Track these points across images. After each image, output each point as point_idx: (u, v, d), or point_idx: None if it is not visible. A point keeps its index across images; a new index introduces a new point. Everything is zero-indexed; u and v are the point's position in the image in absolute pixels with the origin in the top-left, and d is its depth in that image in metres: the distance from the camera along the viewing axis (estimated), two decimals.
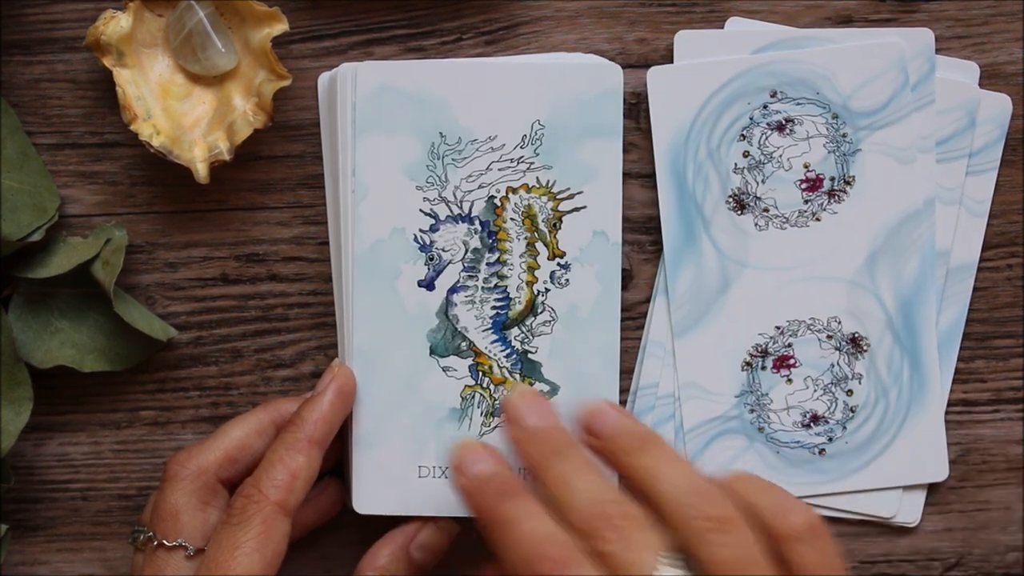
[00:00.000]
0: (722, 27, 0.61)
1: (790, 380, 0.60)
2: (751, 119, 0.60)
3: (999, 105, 0.61)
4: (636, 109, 0.61)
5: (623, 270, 0.61)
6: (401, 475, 0.59)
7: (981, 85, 0.61)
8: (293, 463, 0.55)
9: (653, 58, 0.61)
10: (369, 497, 0.59)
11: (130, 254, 0.61)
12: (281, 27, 0.58)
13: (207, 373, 0.62)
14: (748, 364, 0.60)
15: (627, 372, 0.61)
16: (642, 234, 0.61)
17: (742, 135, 0.60)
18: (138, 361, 0.61)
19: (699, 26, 0.61)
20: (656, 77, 0.60)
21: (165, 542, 0.55)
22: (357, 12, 0.61)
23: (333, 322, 0.61)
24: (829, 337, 0.60)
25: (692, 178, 0.60)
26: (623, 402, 0.61)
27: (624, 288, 0.61)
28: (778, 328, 0.60)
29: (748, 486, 0.50)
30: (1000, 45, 0.61)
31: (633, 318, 0.61)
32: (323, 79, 0.60)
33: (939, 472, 0.61)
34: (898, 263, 0.60)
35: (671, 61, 0.61)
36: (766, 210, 0.60)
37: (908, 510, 0.61)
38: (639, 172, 0.61)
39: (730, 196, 0.60)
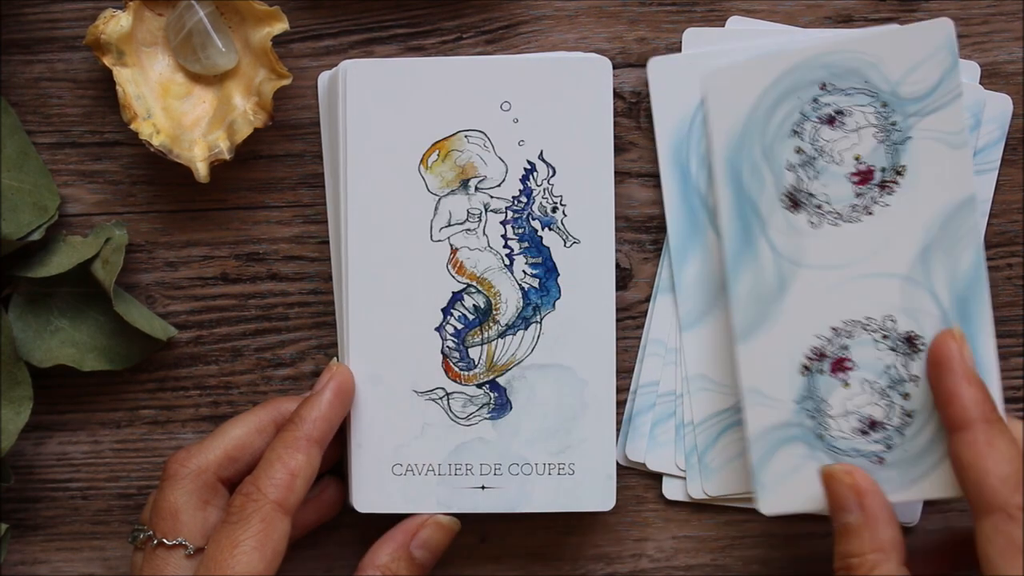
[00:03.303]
0: (723, 27, 0.61)
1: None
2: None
3: (1000, 105, 0.61)
4: (636, 108, 0.61)
5: (623, 269, 0.61)
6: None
7: (981, 84, 0.61)
8: (292, 462, 0.55)
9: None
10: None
11: (130, 253, 0.61)
12: (281, 26, 0.58)
13: (207, 372, 0.62)
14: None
15: (627, 371, 0.61)
16: (642, 233, 0.61)
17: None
18: (138, 360, 0.61)
19: (699, 25, 0.61)
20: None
21: (165, 541, 0.55)
22: (357, 11, 0.61)
23: (333, 321, 0.61)
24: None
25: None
26: (622, 402, 0.61)
27: (624, 288, 0.61)
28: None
29: None
30: (1000, 44, 0.61)
31: (633, 317, 0.61)
32: (323, 78, 0.60)
33: None
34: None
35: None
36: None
37: (908, 510, 0.61)
38: (639, 171, 0.61)
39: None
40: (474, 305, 0.59)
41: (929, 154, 0.58)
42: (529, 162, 0.58)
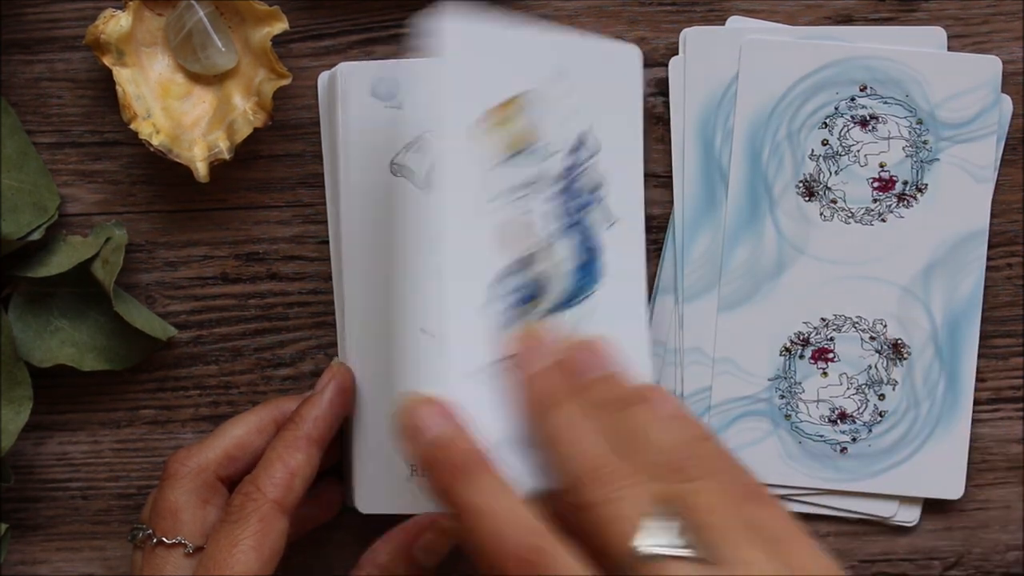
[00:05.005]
0: (723, 26, 0.61)
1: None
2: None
3: (1000, 105, 0.61)
4: None
5: None
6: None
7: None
8: (292, 461, 0.55)
9: (653, 57, 0.61)
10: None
11: (130, 253, 0.61)
12: (281, 26, 0.58)
13: (207, 372, 0.62)
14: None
15: None
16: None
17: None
18: (138, 360, 0.61)
19: (699, 25, 0.61)
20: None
21: (164, 540, 0.55)
22: (357, 11, 0.61)
23: (333, 321, 0.61)
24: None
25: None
26: None
27: None
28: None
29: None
30: (1000, 45, 0.61)
31: None
32: (323, 78, 0.60)
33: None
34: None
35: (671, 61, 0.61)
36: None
37: (907, 510, 0.61)
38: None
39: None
40: None
41: (953, 180, 0.60)
42: (578, 137, 0.53)
